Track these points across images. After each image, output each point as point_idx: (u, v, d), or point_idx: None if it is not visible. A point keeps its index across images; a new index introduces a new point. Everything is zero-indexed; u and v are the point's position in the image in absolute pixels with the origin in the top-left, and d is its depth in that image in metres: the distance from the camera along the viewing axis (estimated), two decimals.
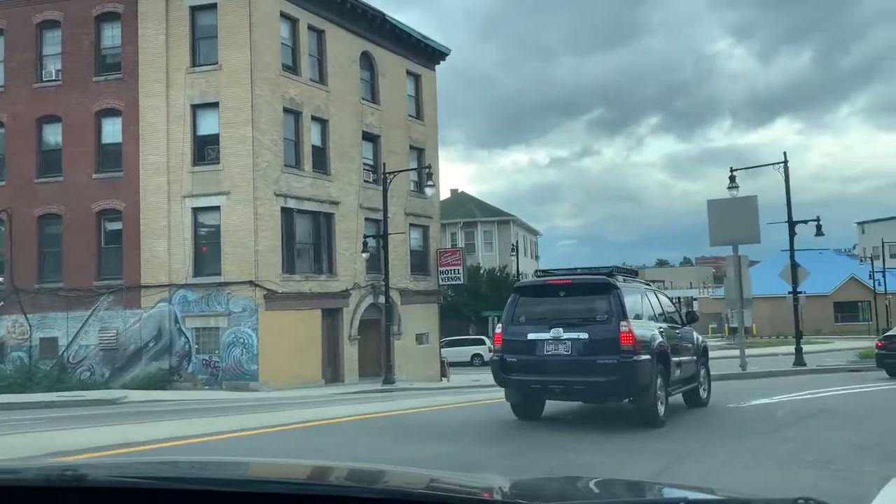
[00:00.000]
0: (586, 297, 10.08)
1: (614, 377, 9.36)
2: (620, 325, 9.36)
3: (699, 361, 12.16)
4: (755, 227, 23.20)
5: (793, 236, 27.51)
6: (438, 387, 27.88)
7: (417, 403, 15.26)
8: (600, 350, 9.45)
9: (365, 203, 29.39)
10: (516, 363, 10.00)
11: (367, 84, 30.83)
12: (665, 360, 10.17)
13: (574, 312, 9.90)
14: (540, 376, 9.97)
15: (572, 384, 9.85)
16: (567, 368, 9.68)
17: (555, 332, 9.66)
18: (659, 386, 9.81)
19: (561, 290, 10.34)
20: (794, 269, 27.34)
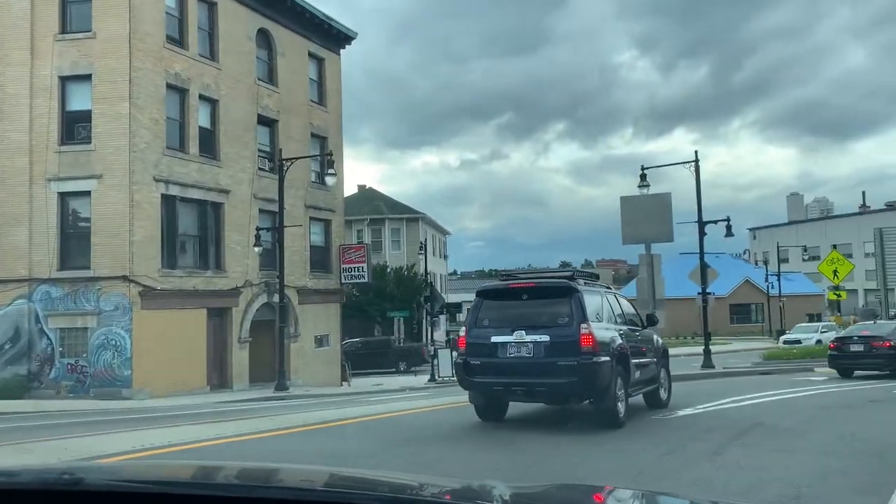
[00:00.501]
0: (548, 300, 10.08)
1: (575, 378, 9.41)
2: (581, 328, 9.42)
3: (659, 363, 12.28)
4: (669, 225, 22.21)
5: (702, 236, 26.86)
6: (338, 392, 25.69)
7: (308, 418, 13.10)
8: (561, 352, 9.50)
9: (259, 193, 26.85)
10: (479, 366, 10.02)
11: (265, 64, 28.29)
12: (625, 361, 10.23)
13: (536, 315, 9.92)
14: (503, 378, 9.98)
15: (534, 386, 9.86)
16: (529, 370, 9.75)
17: (517, 335, 9.73)
18: (619, 387, 9.88)
19: (523, 293, 10.36)
20: (704, 270, 26.69)
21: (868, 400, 13.58)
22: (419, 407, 14.79)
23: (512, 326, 9.85)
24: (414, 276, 47.70)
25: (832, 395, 14.94)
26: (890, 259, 34.29)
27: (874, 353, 19.32)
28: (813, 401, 13.75)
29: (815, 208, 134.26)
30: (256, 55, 27.73)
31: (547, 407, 11.48)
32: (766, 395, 14.50)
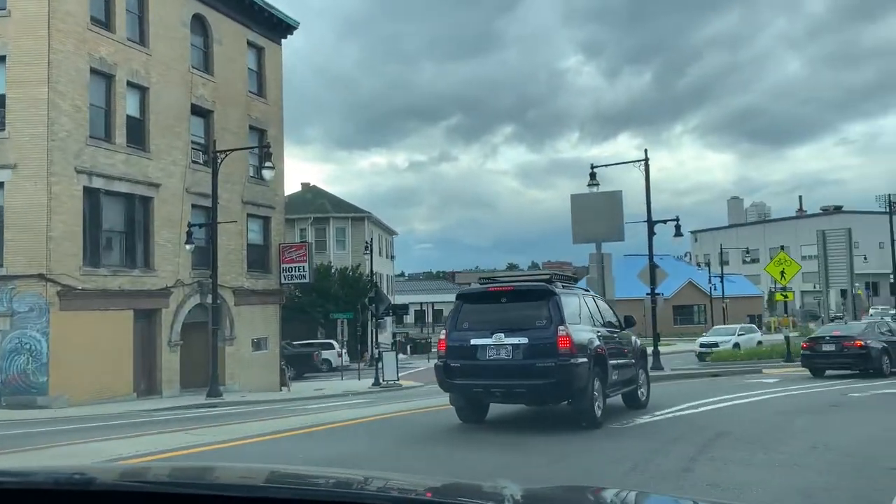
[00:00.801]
0: (527, 303, 10.19)
1: (552, 380, 9.53)
2: (558, 330, 9.55)
3: (637, 364, 12.36)
4: (619, 224, 21.55)
5: (651, 236, 26.43)
6: (275, 398, 24.32)
7: (230, 434, 11.83)
8: (539, 354, 9.62)
9: (193, 187, 25.27)
10: (459, 368, 10.11)
11: (200, 52, 26.71)
12: (602, 362, 10.34)
13: (515, 318, 10.00)
14: (482, 380, 10.05)
15: (513, 387, 9.95)
16: (508, 372, 9.83)
17: (496, 338, 9.82)
18: (596, 388, 10.00)
19: (503, 296, 10.46)
20: (653, 270, 26.22)
21: (828, 405, 13.03)
22: (366, 416, 13.66)
23: (491, 329, 9.93)
24: (359, 276, 46.41)
25: (789, 399, 14.40)
26: (832, 261, 34.56)
27: (845, 353, 19.60)
28: (772, 406, 13.13)
29: (753, 212, 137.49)
30: (191, 42, 26.14)
31: (527, 409, 11.44)
32: (724, 399, 13.86)
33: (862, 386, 16.75)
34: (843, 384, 17.38)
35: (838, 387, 16.69)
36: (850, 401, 13.76)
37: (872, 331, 20.56)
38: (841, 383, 17.66)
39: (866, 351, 19.38)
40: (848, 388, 16.14)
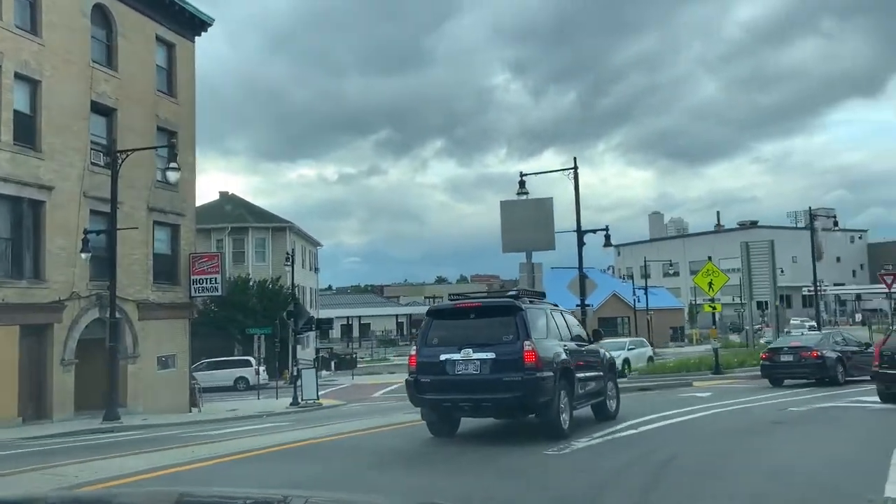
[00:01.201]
0: (494, 318, 10.36)
1: (519, 393, 9.74)
2: (524, 345, 9.78)
3: (606, 377, 12.51)
4: (550, 232, 20.72)
5: (581, 246, 25.74)
6: (182, 421, 22.32)
7: (105, 471, 10.10)
8: (506, 368, 9.81)
9: (91, 191, 23.08)
10: (429, 383, 10.26)
11: (102, 45, 24.58)
12: (569, 376, 10.55)
13: (483, 333, 10.20)
14: (451, 395, 10.21)
15: (480, 401, 10.13)
16: (476, 386, 10.03)
17: (464, 353, 10.00)
18: (563, 401, 10.21)
19: (471, 312, 10.65)
20: (583, 280, 25.52)
21: (771, 422, 12.28)
22: (278, 444, 12.12)
23: (460, 344, 10.11)
24: (279, 289, 44.34)
25: (730, 416, 13.64)
26: (755, 273, 34.84)
27: (803, 363, 20.38)
28: (715, 424, 12.30)
29: (672, 227, 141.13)
30: (92, 34, 24.00)
31: (499, 422, 11.55)
32: (663, 417, 12.95)
33: (798, 400, 16.24)
34: (781, 398, 16.85)
35: (776, 401, 16.12)
36: (792, 417, 13.07)
37: (827, 341, 21.49)
38: (779, 396, 17.15)
39: (822, 361, 20.16)
40: (785, 403, 15.56)
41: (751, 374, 26.22)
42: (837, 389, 18.84)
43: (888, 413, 13.33)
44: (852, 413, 13.49)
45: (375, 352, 75.80)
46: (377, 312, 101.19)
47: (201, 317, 38.30)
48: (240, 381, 39.41)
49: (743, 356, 29.39)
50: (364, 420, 16.74)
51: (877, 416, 12.88)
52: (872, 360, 14.97)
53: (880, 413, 13.37)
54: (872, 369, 14.91)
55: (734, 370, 27.19)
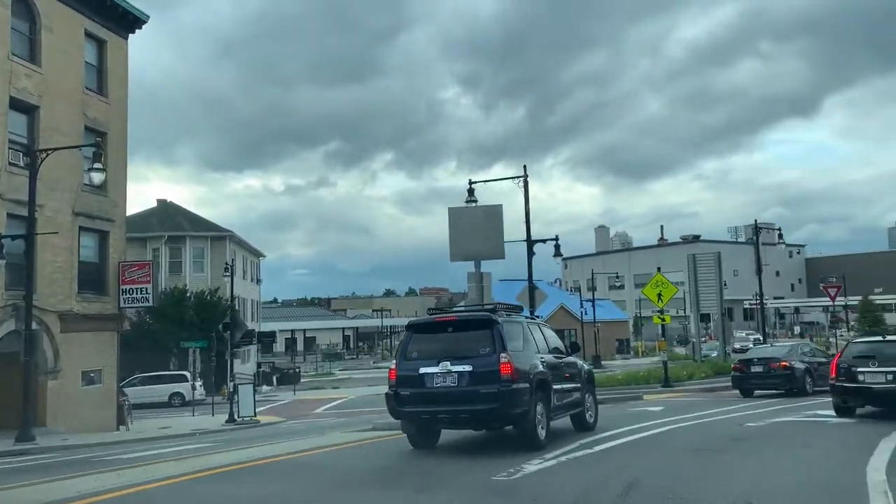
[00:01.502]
0: (471, 332, 10.47)
1: (495, 405, 9.88)
2: (501, 357, 9.91)
3: (584, 389, 12.72)
4: (500, 240, 19.89)
5: (531, 256, 25.06)
6: (106, 441, 20.71)
7: None
8: (483, 380, 9.92)
9: (9, 193, 21.40)
10: (409, 396, 10.39)
11: (24, 38, 22.94)
12: (545, 387, 10.73)
13: (460, 347, 10.32)
14: (430, 407, 10.34)
15: (458, 413, 10.26)
16: (454, 399, 10.12)
17: (443, 366, 10.11)
18: (539, 412, 10.38)
19: (449, 326, 10.83)
20: (532, 291, 24.83)
21: (731, 438, 11.65)
22: (196, 470, 10.95)
23: (438, 358, 10.22)
24: (218, 300, 42.58)
25: (687, 432, 12.96)
26: (702, 285, 34.77)
27: (772, 374, 20.80)
28: (673, 441, 11.57)
29: (617, 241, 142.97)
30: (12, 26, 22.37)
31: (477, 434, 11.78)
32: (617, 434, 12.20)
33: (752, 414, 15.73)
34: (736, 411, 16.33)
35: (732, 415, 15.59)
36: (751, 433, 12.48)
37: (796, 352, 21.91)
38: (735, 410, 16.63)
39: (791, 371, 20.61)
40: (742, 417, 15.02)
41: (701, 387, 25.91)
42: (798, 401, 18.54)
43: (847, 428, 12.86)
44: (812, 429, 12.97)
45: (320, 366, 74.00)
46: (323, 326, 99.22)
47: (134, 329, 36.44)
48: (175, 397, 37.51)
49: (692, 369, 29.10)
50: (298, 440, 15.60)
51: (838, 432, 12.37)
52: None
53: (839, 428, 12.89)
54: (830, 382, 14.48)
55: (683, 383, 26.83)
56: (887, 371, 13.55)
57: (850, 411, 14.43)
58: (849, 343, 14.70)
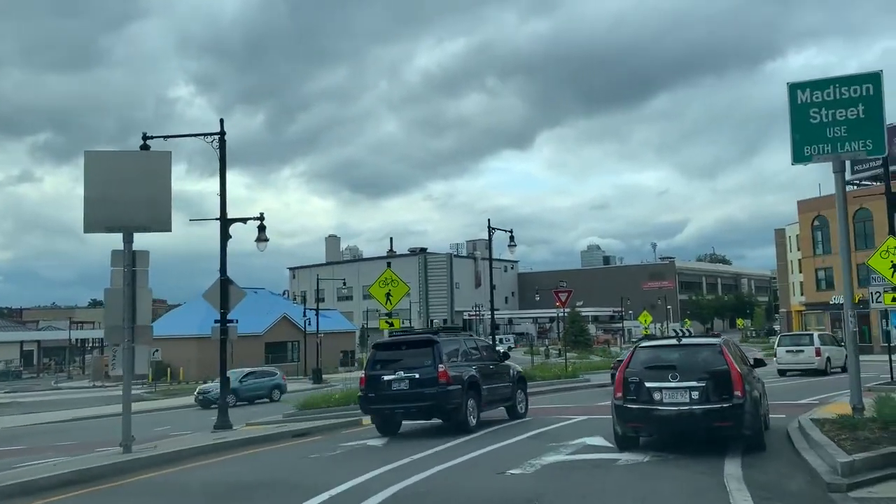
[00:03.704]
0: (418, 349, 13.90)
1: (435, 402, 13.29)
2: (438, 367, 13.33)
3: (515, 386, 15.74)
4: (165, 204, 13.23)
5: (226, 238, 18.61)
6: None
7: None
8: (426, 384, 13.28)
9: None
10: (374, 396, 13.72)
11: None
12: (476, 387, 13.98)
13: (410, 360, 13.71)
14: (389, 404, 13.63)
15: (410, 408, 13.58)
16: (406, 397, 13.45)
17: (398, 374, 13.55)
18: (471, 405, 13.65)
19: (403, 344, 14.41)
20: (225, 286, 18.36)
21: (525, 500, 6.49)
22: None
23: (395, 368, 13.67)
24: None
25: (436, 493, 7.64)
26: (432, 289, 30.80)
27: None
28: None
29: (348, 254, 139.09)
30: None
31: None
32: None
33: (508, 454, 10.99)
34: (481, 447, 11.44)
35: (480, 452, 10.63)
36: (533, 489, 7.50)
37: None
38: (474, 445, 11.73)
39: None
40: (496, 459, 10.12)
41: None
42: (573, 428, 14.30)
43: (659, 474, 8.49)
44: (611, 479, 8.38)
45: None
46: (5, 339, 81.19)
47: None
48: None
49: None
50: None
51: (654, 484, 7.87)
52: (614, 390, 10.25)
53: (648, 477, 8.46)
54: (614, 402, 10.18)
55: None
56: (691, 387, 9.54)
57: (635, 441, 10.30)
58: (635, 348, 10.58)
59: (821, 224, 60.03)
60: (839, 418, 10.32)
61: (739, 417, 9.28)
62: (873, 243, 55.67)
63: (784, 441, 10.74)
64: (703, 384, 9.47)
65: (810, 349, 29.35)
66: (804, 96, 11.23)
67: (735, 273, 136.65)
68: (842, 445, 8.37)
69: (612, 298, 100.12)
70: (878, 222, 54.76)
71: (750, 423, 9.40)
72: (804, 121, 11.15)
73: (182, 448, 12.76)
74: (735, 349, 10.58)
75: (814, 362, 29.05)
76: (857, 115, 10.84)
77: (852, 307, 11.12)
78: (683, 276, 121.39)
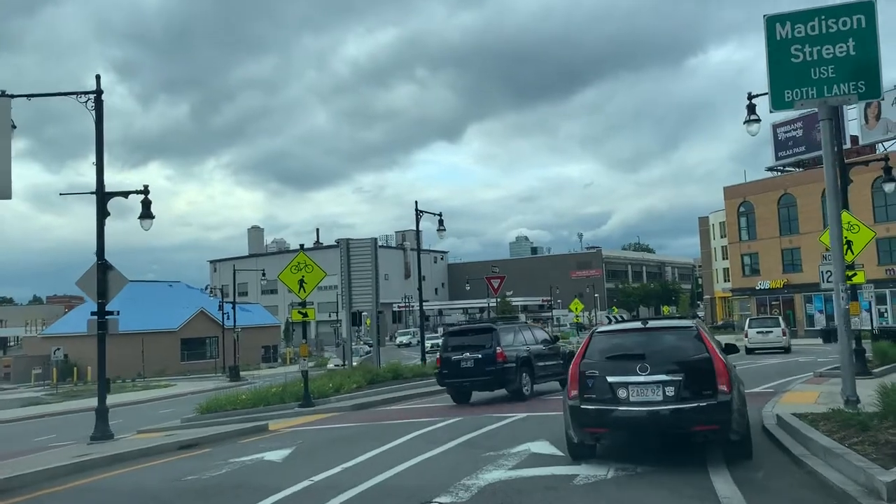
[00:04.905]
0: (481, 335, 17.25)
1: (495, 377, 16.42)
2: (496, 349, 16.38)
3: (566, 364, 15.03)
4: (6, 165, 10.41)
5: (103, 215, 15.69)
6: None
7: None
8: (487, 363, 16.41)
9: None
10: (448, 373, 17.01)
11: None
12: (529, 364, 17.16)
13: (475, 343, 16.99)
14: (460, 378, 16.86)
15: (476, 382, 16.70)
16: (472, 373, 16.58)
17: (465, 354, 16.76)
18: (525, 379, 16.81)
19: (469, 331, 18.10)
20: (104, 271, 15.46)
21: None
22: None
23: (463, 350, 16.88)
24: None
25: None
26: (355, 276, 28.31)
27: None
28: None
29: (274, 247, 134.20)
30: None
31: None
32: None
33: (431, 465, 8.79)
34: (406, 457, 9.18)
35: (400, 470, 8.37)
36: None
37: None
38: (396, 456, 9.47)
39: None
40: (415, 483, 7.88)
41: (354, 403, 18.93)
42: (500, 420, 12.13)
43: (623, 496, 6.44)
44: None
45: None
46: None
47: None
48: None
49: (340, 378, 22.04)
50: None
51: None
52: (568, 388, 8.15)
53: (606, 497, 6.41)
54: (569, 403, 8.08)
55: (329, 399, 19.59)
56: (664, 381, 7.53)
57: (591, 450, 8.27)
58: (592, 334, 8.53)
59: (746, 210, 60.32)
60: (833, 413, 8.57)
61: (726, 419, 7.34)
62: (798, 229, 56.28)
63: (767, 442, 8.92)
64: (678, 377, 7.47)
65: (778, 330, 33.80)
66: (784, 31, 9.41)
67: (659, 261, 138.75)
68: (863, 452, 6.51)
69: (541, 288, 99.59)
70: (803, 207, 55.32)
71: (738, 425, 7.48)
72: (784, 60, 9.35)
73: (19, 473, 9.98)
74: (710, 332, 8.66)
75: (781, 342, 33.41)
76: (846, 51, 9.10)
77: (844, 284, 9.41)
78: (610, 264, 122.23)
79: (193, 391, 38.31)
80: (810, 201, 54.81)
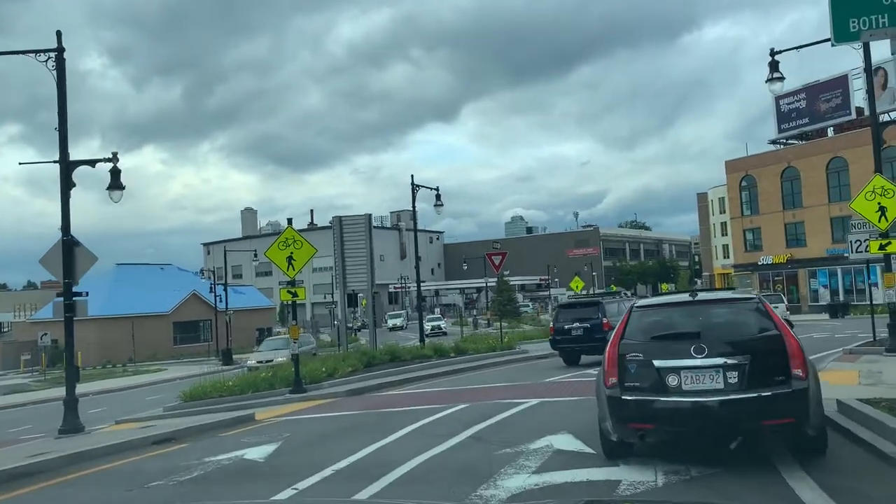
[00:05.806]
0: (588, 307, 20.25)
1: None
2: (603, 320, 18.91)
3: None
4: None
5: (69, 186, 14.18)
6: None
7: None
8: (595, 331, 18.77)
9: None
10: (560, 339, 20.01)
11: None
12: None
13: (583, 314, 19.77)
14: (570, 344, 19.74)
15: (584, 347, 19.39)
16: (581, 339, 19.40)
17: (575, 324, 19.52)
18: None
19: (577, 304, 21.82)
20: (71, 249, 13.97)
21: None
22: None
23: (573, 320, 19.67)
24: None
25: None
26: (349, 254, 26.89)
27: None
28: None
29: (269, 229, 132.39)
30: None
31: None
32: None
33: (466, 476, 7.40)
34: (413, 452, 7.80)
35: (418, 463, 6.97)
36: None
37: None
38: (405, 447, 8.08)
39: None
40: None
41: (349, 388, 17.59)
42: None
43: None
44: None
45: None
46: None
47: None
48: None
49: (334, 362, 20.67)
50: None
51: None
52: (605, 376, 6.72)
53: None
54: (605, 393, 6.65)
55: (322, 384, 18.18)
56: (725, 365, 6.11)
57: (629, 448, 6.88)
58: (631, 309, 7.11)
59: (748, 184, 58.85)
60: None
61: (803, 410, 5.95)
62: (801, 202, 54.91)
63: (832, 433, 7.54)
64: (743, 360, 6.06)
65: (782, 306, 33.53)
66: None
67: (657, 239, 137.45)
68: None
69: (538, 267, 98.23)
70: (807, 180, 53.93)
71: (816, 417, 6.10)
72: None
73: None
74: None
75: (786, 318, 36.73)
76: None
77: None
78: (608, 242, 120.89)
79: (184, 376, 36.90)
80: (814, 174, 53.34)
